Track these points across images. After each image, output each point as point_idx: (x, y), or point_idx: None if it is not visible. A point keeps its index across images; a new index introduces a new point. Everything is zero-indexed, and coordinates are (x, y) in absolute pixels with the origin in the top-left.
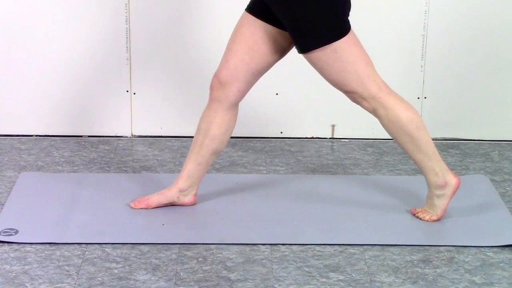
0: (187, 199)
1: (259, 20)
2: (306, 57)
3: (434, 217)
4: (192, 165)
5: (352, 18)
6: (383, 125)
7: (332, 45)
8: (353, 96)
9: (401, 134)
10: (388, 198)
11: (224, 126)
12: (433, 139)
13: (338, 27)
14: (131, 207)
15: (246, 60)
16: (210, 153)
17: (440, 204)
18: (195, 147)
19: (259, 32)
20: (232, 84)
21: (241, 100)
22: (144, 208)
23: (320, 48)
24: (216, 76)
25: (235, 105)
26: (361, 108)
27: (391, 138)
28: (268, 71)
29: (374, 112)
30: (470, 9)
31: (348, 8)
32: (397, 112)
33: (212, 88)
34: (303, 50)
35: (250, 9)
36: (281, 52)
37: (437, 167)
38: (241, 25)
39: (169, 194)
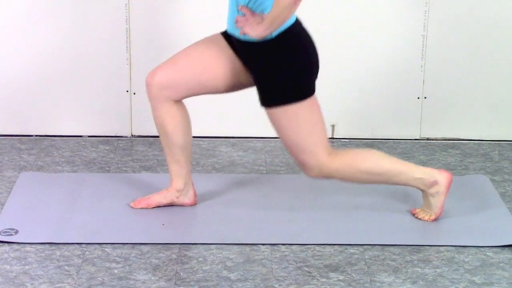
0: (187, 198)
1: (231, 51)
2: (266, 112)
3: (433, 217)
4: (173, 166)
5: (353, 18)
6: (347, 181)
7: (295, 105)
8: (303, 167)
9: (366, 176)
10: (388, 198)
11: (175, 118)
12: (433, 139)
13: (304, 87)
14: (131, 207)
15: (199, 70)
16: (180, 149)
17: (436, 202)
18: (165, 149)
19: (225, 60)
20: (170, 88)
21: (180, 100)
22: (144, 208)
23: (282, 106)
24: (155, 75)
25: (174, 100)
26: (361, 108)
27: (391, 138)
28: None
29: (329, 177)
30: (470, 9)
31: (316, 70)
32: (347, 164)
33: (147, 85)
34: (265, 104)
35: (226, 35)
36: (237, 87)
37: (418, 174)
38: (211, 42)
39: (168, 195)
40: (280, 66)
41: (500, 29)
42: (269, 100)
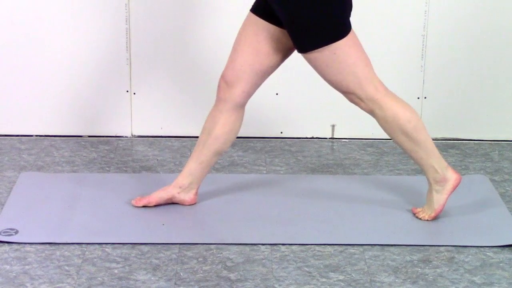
0: (187, 197)
1: (262, 20)
2: (304, 57)
3: (433, 214)
4: (193, 163)
5: (352, 18)
6: (381, 126)
7: (331, 46)
8: (351, 96)
9: (399, 134)
10: (388, 198)
11: (228, 126)
12: (433, 139)
13: (338, 28)
14: (132, 205)
15: (250, 60)
16: (212, 153)
17: (439, 199)
18: (199, 146)
19: (262, 32)
20: (238, 84)
21: (247, 101)
22: (145, 205)
23: (319, 49)
24: (222, 76)
25: (241, 106)
26: None
27: (391, 138)
28: None
29: (371, 112)
30: (470, 9)
31: (349, 8)
32: (394, 113)
33: (218, 88)
34: (301, 50)
35: (254, 9)
36: (286, 51)
37: (436, 164)
38: (245, 25)
39: (169, 189)
40: (309, 9)
41: (500, 29)
42: (303, 45)
